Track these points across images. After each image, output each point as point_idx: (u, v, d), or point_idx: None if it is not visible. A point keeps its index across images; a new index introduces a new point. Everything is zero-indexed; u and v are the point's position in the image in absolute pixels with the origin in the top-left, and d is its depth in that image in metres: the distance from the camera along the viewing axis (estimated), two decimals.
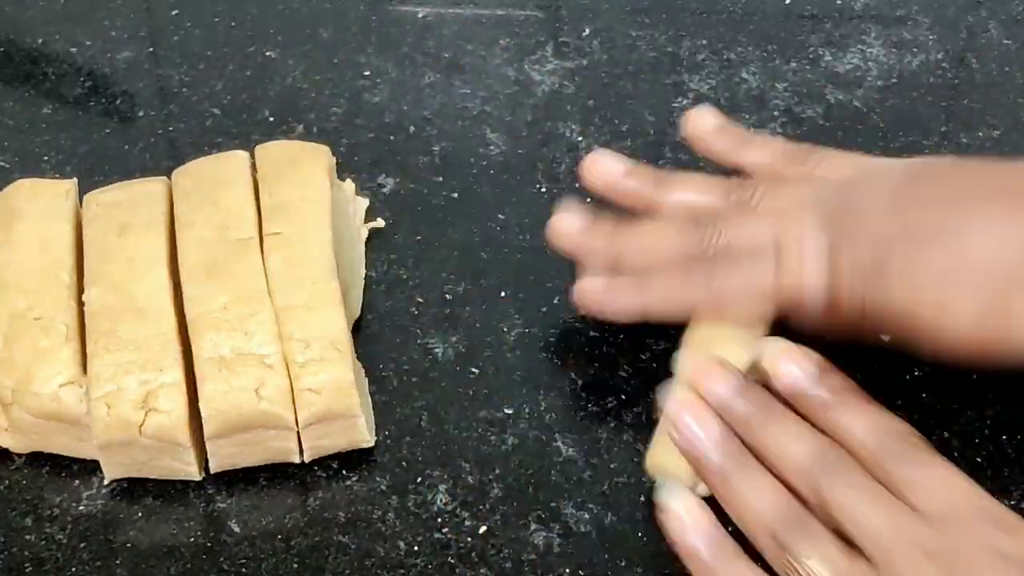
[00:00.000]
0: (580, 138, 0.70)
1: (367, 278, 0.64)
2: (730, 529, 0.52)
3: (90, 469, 0.57)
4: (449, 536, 0.55)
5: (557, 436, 0.58)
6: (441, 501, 0.57)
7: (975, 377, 0.60)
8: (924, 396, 0.59)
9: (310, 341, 0.56)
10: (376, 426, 0.58)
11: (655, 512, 0.55)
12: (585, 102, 0.72)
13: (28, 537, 0.56)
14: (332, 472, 0.58)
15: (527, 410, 0.59)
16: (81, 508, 0.57)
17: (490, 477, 0.57)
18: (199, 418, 0.55)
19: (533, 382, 0.60)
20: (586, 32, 0.76)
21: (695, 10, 0.77)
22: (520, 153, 0.70)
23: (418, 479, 0.57)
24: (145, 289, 0.57)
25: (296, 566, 0.55)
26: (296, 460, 0.57)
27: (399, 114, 0.72)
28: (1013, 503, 0.56)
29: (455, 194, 0.68)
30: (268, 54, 0.75)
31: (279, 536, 0.56)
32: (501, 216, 0.67)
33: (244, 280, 0.57)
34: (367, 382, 0.59)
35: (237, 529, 0.56)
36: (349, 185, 0.66)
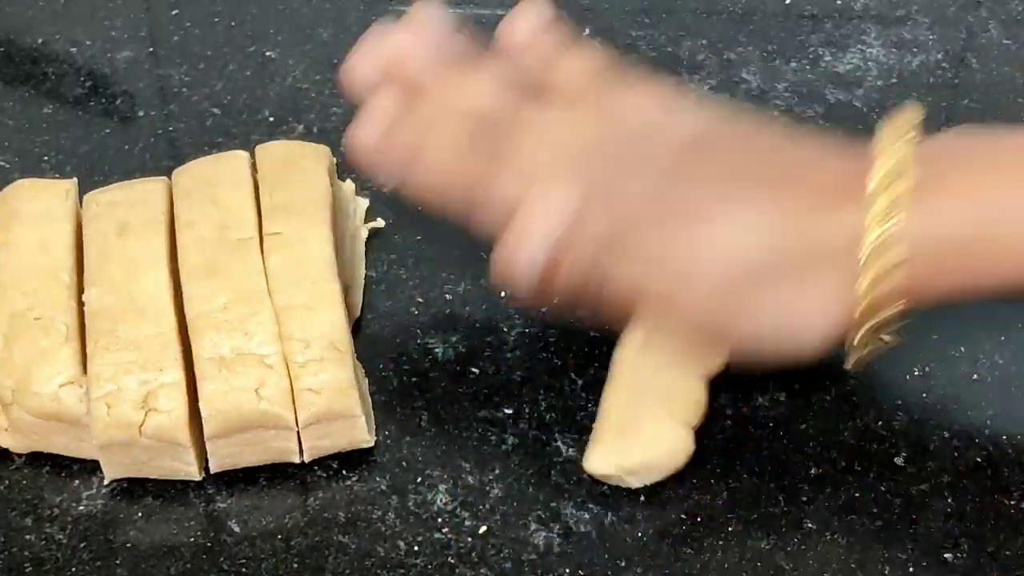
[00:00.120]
0: None
1: (367, 278, 0.64)
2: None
3: (90, 469, 0.57)
4: (449, 536, 0.55)
5: (557, 436, 0.58)
6: (441, 501, 0.57)
7: (975, 377, 0.60)
8: (924, 396, 0.59)
9: (310, 341, 0.56)
10: (376, 426, 0.58)
11: (656, 512, 0.56)
12: None
13: (28, 537, 0.56)
14: (332, 472, 0.58)
15: (527, 410, 0.59)
16: (81, 508, 0.57)
17: (490, 477, 0.57)
18: (199, 418, 0.55)
19: (533, 382, 0.60)
20: (586, 32, 0.76)
21: (695, 10, 0.77)
22: None
23: (418, 479, 0.57)
24: (145, 289, 0.57)
25: (296, 566, 0.55)
26: (296, 460, 0.57)
27: None
28: (1013, 503, 0.56)
29: None
30: (268, 54, 0.75)
31: (279, 536, 0.56)
32: None
33: (244, 280, 0.57)
34: (367, 382, 0.59)
35: (237, 529, 0.56)
36: (349, 185, 0.66)
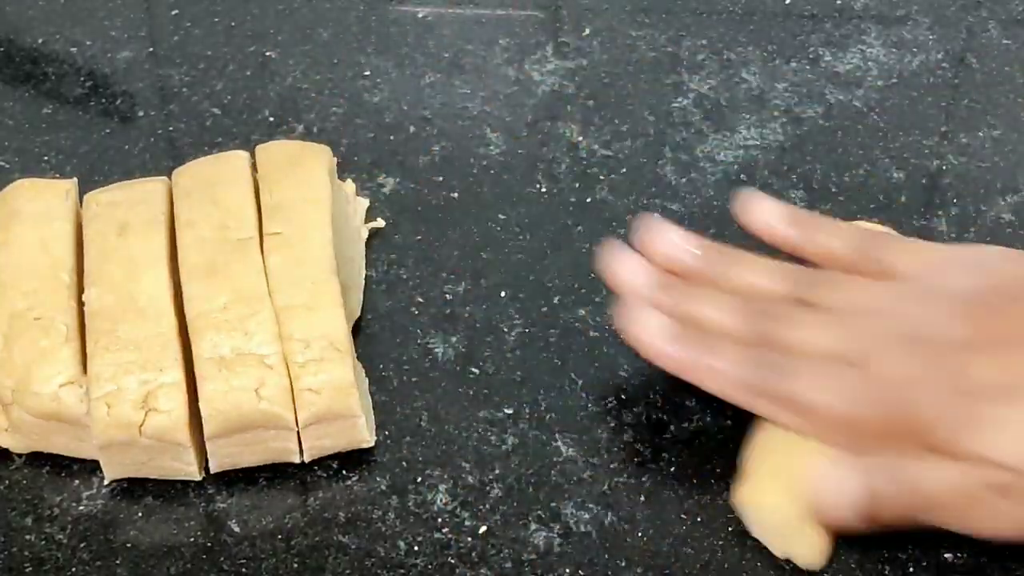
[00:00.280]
0: (580, 138, 0.70)
1: (367, 278, 0.64)
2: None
3: (90, 469, 0.57)
4: (449, 536, 0.55)
5: (557, 436, 0.58)
6: (441, 501, 0.57)
7: None
8: None
9: (310, 341, 0.56)
10: (376, 426, 0.58)
11: (656, 512, 0.56)
12: (585, 102, 0.72)
13: (28, 537, 0.56)
14: (332, 472, 0.58)
15: (527, 410, 0.59)
16: (81, 508, 0.57)
17: (490, 477, 0.57)
18: (199, 418, 0.55)
19: (533, 382, 0.60)
20: (586, 32, 0.76)
21: (695, 10, 0.77)
22: (520, 153, 0.70)
23: (418, 479, 0.57)
24: (145, 289, 0.57)
25: (296, 566, 0.55)
26: (296, 460, 0.57)
27: (399, 114, 0.72)
28: None
29: (455, 194, 0.68)
30: (268, 54, 0.75)
31: (279, 536, 0.56)
32: (501, 216, 0.67)
33: (244, 280, 0.57)
34: (367, 382, 0.59)
35: (237, 529, 0.56)
36: (349, 185, 0.66)
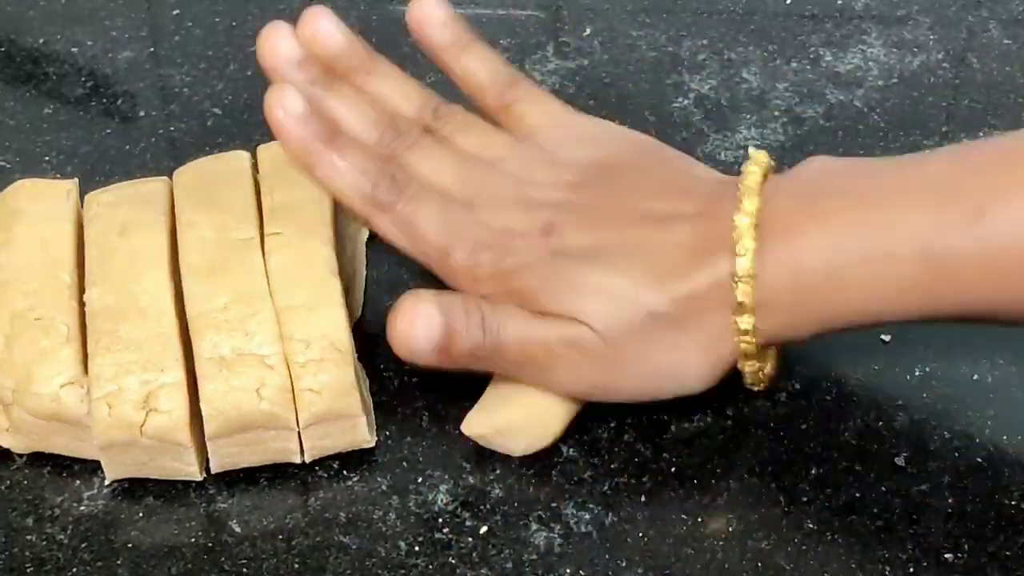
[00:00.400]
0: None
1: (368, 278, 0.64)
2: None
3: (91, 469, 0.58)
4: (450, 536, 0.55)
5: None
6: (442, 501, 0.57)
7: (975, 377, 0.60)
8: (924, 396, 0.59)
9: (311, 341, 0.56)
10: (377, 426, 0.58)
11: (656, 512, 0.56)
12: (586, 102, 0.72)
13: (29, 537, 0.56)
14: (333, 472, 0.58)
15: None
16: (82, 508, 0.57)
17: (491, 477, 0.57)
18: (200, 418, 0.55)
19: None
20: (587, 32, 0.76)
21: (696, 10, 0.77)
22: None
23: (419, 479, 0.57)
24: (146, 289, 0.57)
25: (297, 566, 0.55)
26: (297, 460, 0.57)
27: None
28: (1014, 503, 0.56)
29: None
30: None
31: (280, 536, 0.56)
32: None
33: (245, 280, 0.57)
34: (368, 382, 0.59)
35: (238, 529, 0.56)
36: None
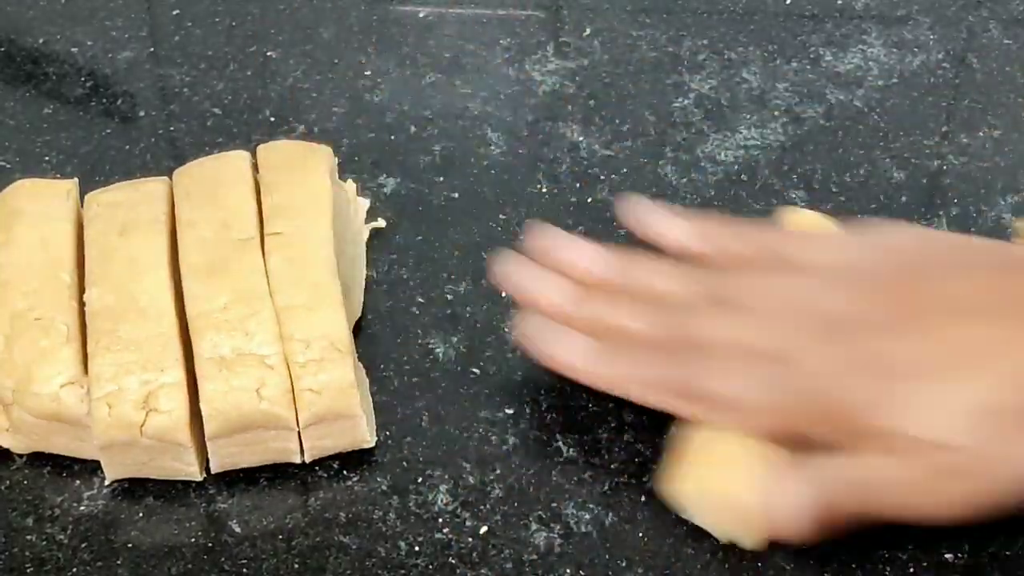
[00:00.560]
0: (581, 138, 0.70)
1: (368, 278, 0.64)
2: None
3: (91, 469, 0.58)
4: (450, 536, 0.55)
5: (557, 436, 0.58)
6: (442, 501, 0.57)
7: None
8: None
9: (311, 341, 0.56)
10: (377, 426, 0.58)
11: (656, 512, 0.56)
12: (586, 102, 0.72)
13: (29, 537, 0.56)
14: (333, 472, 0.58)
15: (527, 410, 0.59)
16: (82, 508, 0.57)
17: (491, 477, 0.57)
18: (200, 418, 0.55)
19: (533, 382, 0.60)
20: (587, 32, 0.76)
21: (696, 10, 0.77)
22: (521, 153, 0.70)
23: (419, 479, 0.57)
24: (146, 289, 0.57)
25: (297, 566, 0.55)
26: (297, 460, 0.57)
27: (400, 114, 0.72)
28: (1014, 503, 0.56)
29: (456, 194, 0.68)
30: (269, 54, 0.75)
31: (280, 536, 0.56)
32: (502, 216, 0.67)
33: (245, 280, 0.57)
34: (368, 382, 0.59)
35: (238, 529, 0.56)
36: (350, 185, 0.66)
